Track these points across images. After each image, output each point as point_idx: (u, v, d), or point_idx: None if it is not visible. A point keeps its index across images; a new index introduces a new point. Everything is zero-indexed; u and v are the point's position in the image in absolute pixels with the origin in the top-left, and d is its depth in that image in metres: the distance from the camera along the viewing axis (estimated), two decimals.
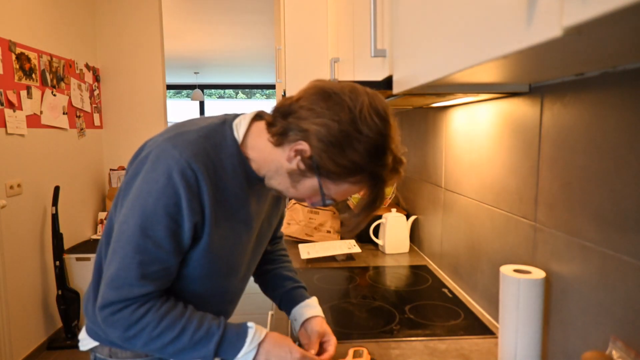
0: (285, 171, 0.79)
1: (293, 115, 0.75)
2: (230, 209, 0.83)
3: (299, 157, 0.76)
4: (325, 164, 0.74)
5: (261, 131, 0.82)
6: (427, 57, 0.70)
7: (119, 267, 0.75)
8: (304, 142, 0.74)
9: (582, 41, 0.42)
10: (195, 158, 0.75)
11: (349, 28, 1.56)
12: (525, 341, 0.84)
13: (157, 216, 0.74)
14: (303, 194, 0.81)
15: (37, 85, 2.71)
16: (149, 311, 0.76)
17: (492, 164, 1.12)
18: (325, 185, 0.78)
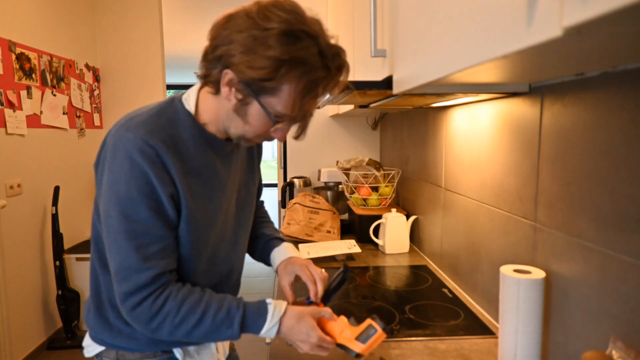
0: (232, 111, 0.80)
1: (211, 55, 0.77)
2: (200, 177, 0.85)
3: (233, 89, 0.76)
4: (252, 76, 0.73)
5: (207, 94, 0.84)
6: (427, 57, 0.70)
7: (119, 259, 0.77)
8: (226, 70, 0.75)
9: (582, 41, 0.42)
10: (150, 135, 0.77)
11: (349, 28, 1.56)
12: (525, 341, 0.84)
13: (133, 200, 0.76)
14: (258, 127, 0.81)
15: (37, 85, 2.71)
16: (167, 300, 0.78)
17: (492, 164, 1.12)
18: (267, 102, 0.77)
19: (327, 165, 2.52)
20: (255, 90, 0.76)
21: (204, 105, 0.86)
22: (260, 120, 0.80)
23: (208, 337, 0.82)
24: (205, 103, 0.85)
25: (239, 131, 0.83)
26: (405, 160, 2.00)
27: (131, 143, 0.76)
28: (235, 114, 0.80)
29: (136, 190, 0.76)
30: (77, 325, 2.85)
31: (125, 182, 0.75)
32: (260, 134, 0.83)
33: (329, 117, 2.47)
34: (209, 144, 0.86)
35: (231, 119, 0.82)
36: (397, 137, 2.13)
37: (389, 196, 1.93)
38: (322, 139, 2.51)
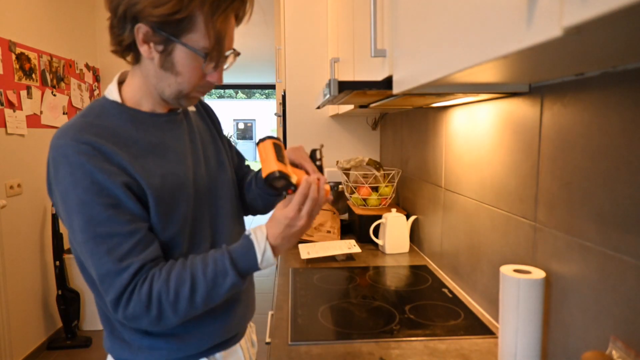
0: (159, 68, 0.77)
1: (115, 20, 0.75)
2: (153, 155, 0.80)
3: (151, 44, 0.73)
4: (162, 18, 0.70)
5: (129, 76, 0.83)
6: (427, 57, 0.70)
7: (96, 268, 0.73)
8: (137, 25, 0.72)
9: (582, 41, 0.42)
10: (80, 133, 0.74)
11: (349, 28, 1.56)
12: (525, 341, 0.84)
13: (87, 203, 0.72)
14: (190, 73, 0.77)
15: (37, 85, 2.71)
16: (152, 283, 0.74)
17: (492, 164, 1.12)
18: (188, 39, 0.73)
19: (327, 165, 2.52)
20: (172, 32, 0.72)
21: (130, 86, 0.82)
22: (190, 64, 0.76)
23: (212, 297, 0.77)
24: (131, 83, 0.82)
25: (174, 88, 0.79)
26: (405, 160, 2.00)
27: (64, 148, 0.73)
28: (163, 70, 0.76)
29: (85, 193, 0.71)
30: (77, 325, 2.85)
31: (73, 189, 0.72)
32: (195, 81, 0.79)
33: (329, 117, 2.47)
34: (149, 122, 0.82)
35: (161, 78, 0.78)
36: (397, 137, 2.13)
37: (389, 196, 1.93)
38: (322, 139, 2.51)
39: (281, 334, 1.06)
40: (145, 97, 0.82)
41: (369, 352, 0.96)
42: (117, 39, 0.76)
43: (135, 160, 0.77)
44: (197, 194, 0.87)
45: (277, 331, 1.08)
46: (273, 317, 1.19)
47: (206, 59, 0.76)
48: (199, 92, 0.82)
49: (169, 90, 0.79)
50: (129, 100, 0.82)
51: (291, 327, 1.08)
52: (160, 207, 0.79)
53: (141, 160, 0.78)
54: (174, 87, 0.79)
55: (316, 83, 2.45)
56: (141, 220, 0.76)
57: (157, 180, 0.79)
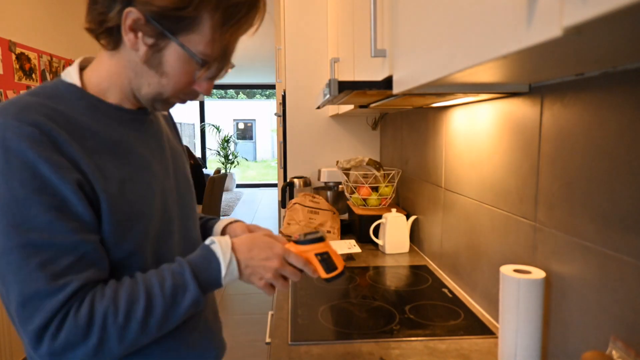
0: (142, 63, 0.65)
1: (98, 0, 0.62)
2: (113, 155, 0.67)
3: (140, 33, 0.62)
4: (162, 9, 0.60)
5: (97, 61, 0.70)
6: (427, 57, 0.70)
7: (19, 286, 0.56)
8: (129, 9, 0.60)
9: (582, 41, 0.42)
10: (26, 112, 0.59)
11: (349, 28, 1.56)
12: (525, 341, 0.84)
13: (21, 201, 0.56)
14: (179, 76, 0.67)
15: (37, 85, 2.72)
16: (94, 302, 0.59)
17: (492, 164, 1.12)
18: (187, 40, 0.63)
19: (327, 165, 2.52)
20: (169, 27, 0.62)
21: (96, 72, 0.70)
22: (181, 67, 0.65)
23: (169, 318, 0.64)
24: (98, 69, 0.70)
25: (154, 89, 0.68)
26: (405, 160, 2.00)
27: (1, 128, 0.57)
28: (147, 65, 0.65)
29: (21, 187, 0.56)
30: None
31: (5, 181, 0.56)
32: (181, 87, 0.68)
33: (329, 117, 2.47)
34: (113, 116, 0.69)
35: (141, 74, 0.67)
36: (397, 137, 2.13)
37: (389, 196, 1.93)
38: (322, 139, 2.51)
39: (281, 334, 1.06)
40: (113, 87, 0.70)
41: (369, 352, 0.96)
42: (99, 17, 0.63)
43: (90, 156, 0.63)
44: (165, 210, 0.75)
45: (277, 331, 1.08)
46: (273, 317, 1.19)
47: (202, 66, 0.67)
48: (178, 99, 0.71)
49: (148, 89, 0.68)
50: (91, 87, 0.69)
51: (291, 327, 1.08)
52: (115, 217, 0.64)
53: (97, 158, 0.64)
54: (154, 88, 0.68)
55: (316, 83, 2.45)
56: (89, 231, 0.61)
57: (113, 184, 0.65)
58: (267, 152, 19.54)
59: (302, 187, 2.38)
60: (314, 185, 2.46)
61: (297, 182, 2.38)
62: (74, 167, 0.60)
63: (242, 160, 12.76)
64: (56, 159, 0.58)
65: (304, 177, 2.42)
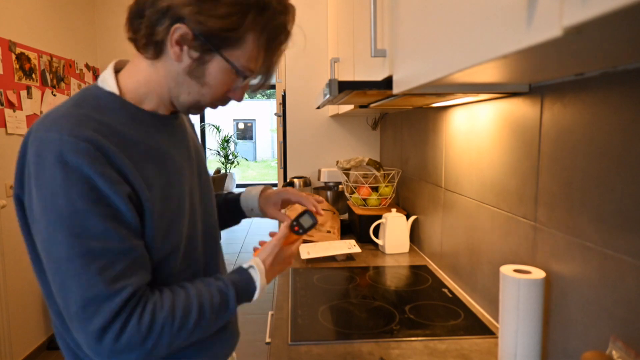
0: (184, 74, 0.69)
1: (149, 9, 0.65)
2: (153, 163, 0.71)
3: (185, 47, 0.66)
4: (212, 29, 0.64)
5: (133, 66, 0.73)
6: (427, 57, 0.70)
7: (82, 292, 0.61)
8: (177, 25, 0.64)
9: (582, 41, 0.42)
10: (79, 128, 0.63)
11: (349, 28, 1.56)
12: (525, 341, 0.84)
13: (80, 212, 0.61)
14: (219, 86, 0.71)
15: (37, 85, 2.71)
16: (155, 313, 0.65)
17: (492, 164, 1.12)
18: (231, 55, 0.67)
19: (327, 165, 2.52)
20: (216, 44, 0.66)
21: (134, 78, 0.72)
22: (222, 79, 0.70)
23: (211, 328, 0.74)
24: (136, 75, 0.72)
25: (193, 97, 0.72)
26: (405, 160, 2.00)
27: (57, 144, 0.61)
28: (189, 76, 0.69)
29: (80, 199, 0.60)
30: None
31: (64, 194, 0.60)
32: (219, 96, 0.73)
33: (329, 117, 2.47)
34: (150, 123, 0.73)
35: (182, 84, 0.70)
36: (397, 137, 2.13)
37: (389, 196, 1.93)
38: (322, 139, 2.51)
39: (281, 334, 1.06)
40: (151, 94, 0.73)
41: (369, 352, 0.96)
42: (146, 30, 0.66)
43: (136, 165, 0.68)
44: (192, 209, 0.80)
45: (277, 331, 1.08)
46: (273, 317, 1.19)
47: (245, 79, 0.71)
48: (214, 105, 0.76)
49: (187, 97, 0.72)
50: (128, 93, 0.72)
51: (291, 327, 1.08)
52: (158, 222, 0.70)
53: (141, 167, 0.69)
54: (194, 96, 0.72)
55: (316, 83, 2.45)
56: (137, 237, 0.67)
57: (157, 191, 0.70)
58: (267, 152, 19.53)
59: (302, 187, 2.38)
60: (314, 185, 2.46)
61: (297, 182, 2.38)
62: (124, 179, 0.65)
63: (242, 160, 12.75)
64: (109, 173, 0.63)
65: (304, 177, 2.42)
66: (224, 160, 9.83)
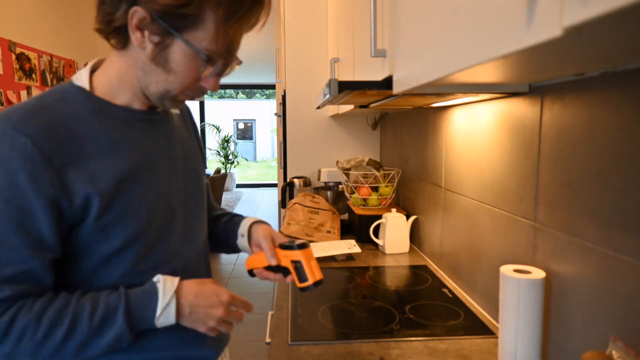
0: (149, 61, 0.67)
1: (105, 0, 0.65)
2: (115, 155, 0.70)
3: (146, 32, 0.64)
4: (167, 7, 0.62)
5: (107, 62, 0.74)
6: (427, 57, 0.70)
7: None
8: (134, 8, 0.63)
9: (582, 41, 0.42)
10: (26, 122, 0.63)
11: (349, 28, 1.56)
12: (525, 341, 0.84)
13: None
14: (185, 73, 0.69)
15: (37, 85, 2.72)
16: (18, 314, 0.62)
17: (492, 164, 1.12)
18: (191, 37, 0.65)
19: (327, 165, 2.52)
20: (174, 24, 0.64)
21: (106, 73, 0.73)
22: (187, 63, 0.67)
23: (91, 346, 0.65)
24: (108, 70, 0.73)
25: (162, 86, 0.70)
26: (405, 160, 2.00)
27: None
28: (154, 63, 0.68)
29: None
30: None
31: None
32: (188, 84, 0.70)
33: (329, 117, 2.47)
34: (120, 117, 0.72)
35: (149, 73, 0.69)
36: (397, 137, 2.13)
37: (389, 196, 1.93)
38: (322, 139, 2.51)
39: (281, 334, 1.06)
40: (122, 88, 0.72)
41: (369, 352, 0.96)
42: (107, 17, 0.66)
43: (87, 161, 0.66)
44: (168, 208, 0.77)
45: (277, 331, 1.08)
46: (273, 317, 1.19)
47: (208, 62, 0.69)
48: (187, 96, 0.74)
49: (156, 87, 0.70)
50: (99, 88, 0.72)
51: (291, 327, 1.08)
52: (105, 215, 0.67)
53: (94, 162, 0.67)
54: (162, 85, 0.70)
55: (316, 83, 2.45)
56: (44, 249, 0.64)
57: (107, 184, 0.68)
58: (267, 152, 19.54)
59: (302, 187, 2.38)
60: (314, 185, 2.47)
61: (297, 182, 2.38)
62: (58, 181, 0.63)
63: (242, 160, 12.76)
64: (39, 174, 0.61)
65: (304, 177, 2.42)
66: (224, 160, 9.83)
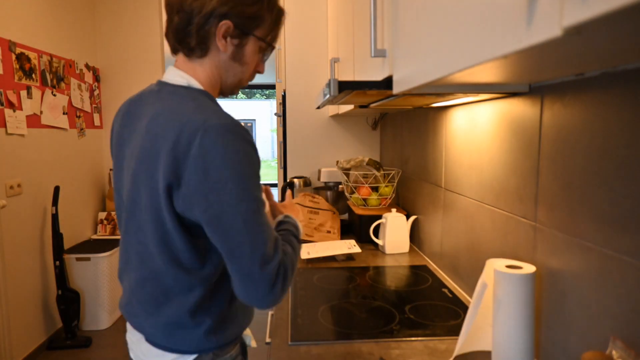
0: (230, 60, 0.87)
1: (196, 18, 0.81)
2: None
3: (228, 38, 0.84)
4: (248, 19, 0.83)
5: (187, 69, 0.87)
6: (427, 57, 0.70)
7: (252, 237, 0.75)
8: (223, 21, 0.81)
9: (582, 41, 0.42)
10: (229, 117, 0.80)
11: (349, 28, 1.56)
12: (516, 337, 0.84)
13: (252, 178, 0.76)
14: (253, 62, 0.90)
15: (37, 85, 2.71)
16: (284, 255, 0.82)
17: (492, 164, 1.12)
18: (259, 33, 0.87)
19: (327, 165, 2.52)
20: (250, 27, 0.85)
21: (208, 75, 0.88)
22: (254, 55, 0.89)
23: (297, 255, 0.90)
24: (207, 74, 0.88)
25: (238, 77, 0.90)
26: (405, 160, 2.00)
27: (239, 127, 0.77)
28: (232, 61, 0.87)
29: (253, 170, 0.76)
30: (77, 325, 2.85)
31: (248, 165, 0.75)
32: (252, 71, 0.92)
33: (329, 117, 2.47)
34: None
35: (229, 69, 0.88)
36: (397, 137, 2.13)
37: (389, 196, 1.92)
38: (322, 139, 2.51)
39: (281, 334, 1.06)
40: (211, 89, 0.89)
41: (369, 352, 0.96)
42: (197, 33, 0.82)
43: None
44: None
45: (277, 331, 1.08)
46: (273, 317, 1.19)
47: (265, 49, 0.90)
48: (249, 80, 0.95)
49: (233, 79, 0.90)
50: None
51: (291, 327, 1.08)
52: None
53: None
54: (238, 76, 0.90)
55: (316, 83, 2.45)
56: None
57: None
58: (267, 152, 19.52)
59: (302, 187, 2.38)
60: (314, 185, 2.46)
61: (297, 182, 2.38)
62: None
63: None
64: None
65: (304, 177, 2.42)
66: None
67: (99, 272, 2.96)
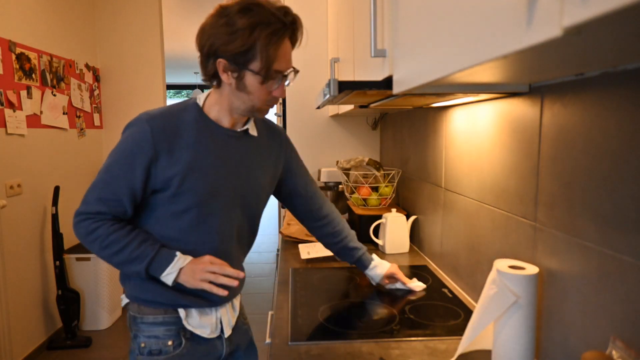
0: (235, 90, 0.99)
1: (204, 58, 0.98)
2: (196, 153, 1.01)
3: (228, 72, 0.96)
4: (233, 50, 0.92)
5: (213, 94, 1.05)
6: (427, 57, 0.70)
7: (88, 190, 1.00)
8: (218, 59, 0.95)
9: (582, 41, 0.42)
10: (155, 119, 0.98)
11: (349, 28, 1.56)
12: (518, 337, 0.84)
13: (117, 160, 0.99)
14: (259, 92, 0.98)
15: (37, 85, 2.71)
16: (99, 227, 0.99)
17: (492, 164, 1.12)
18: (255, 66, 0.95)
19: (327, 165, 2.52)
20: (242, 62, 0.94)
21: (210, 99, 1.05)
22: (257, 84, 0.97)
23: (123, 266, 1.00)
24: (211, 98, 1.05)
25: (248, 104, 1.00)
26: (405, 160, 2.00)
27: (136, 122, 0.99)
28: (238, 90, 0.99)
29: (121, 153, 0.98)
30: (77, 325, 2.85)
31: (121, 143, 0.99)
32: (264, 98, 1.00)
33: (329, 117, 2.47)
34: (209, 127, 1.04)
35: (237, 97, 1.00)
36: (397, 137, 2.13)
37: (389, 196, 1.92)
38: (322, 139, 2.51)
39: (281, 334, 1.06)
40: (221, 111, 1.04)
41: (369, 352, 0.96)
42: (205, 70, 0.99)
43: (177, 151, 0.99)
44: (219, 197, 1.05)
45: (277, 331, 1.08)
46: (273, 317, 1.19)
47: (266, 79, 0.96)
48: (268, 105, 1.03)
49: (244, 106, 1.01)
50: (206, 107, 1.05)
51: (291, 327, 1.08)
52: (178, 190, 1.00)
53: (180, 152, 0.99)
54: (248, 104, 1.00)
55: (316, 83, 2.45)
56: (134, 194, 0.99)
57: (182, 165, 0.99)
58: None
59: None
60: None
61: None
62: (156, 158, 0.97)
63: None
64: (145, 149, 0.96)
65: None
66: None
67: (99, 272, 2.96)
